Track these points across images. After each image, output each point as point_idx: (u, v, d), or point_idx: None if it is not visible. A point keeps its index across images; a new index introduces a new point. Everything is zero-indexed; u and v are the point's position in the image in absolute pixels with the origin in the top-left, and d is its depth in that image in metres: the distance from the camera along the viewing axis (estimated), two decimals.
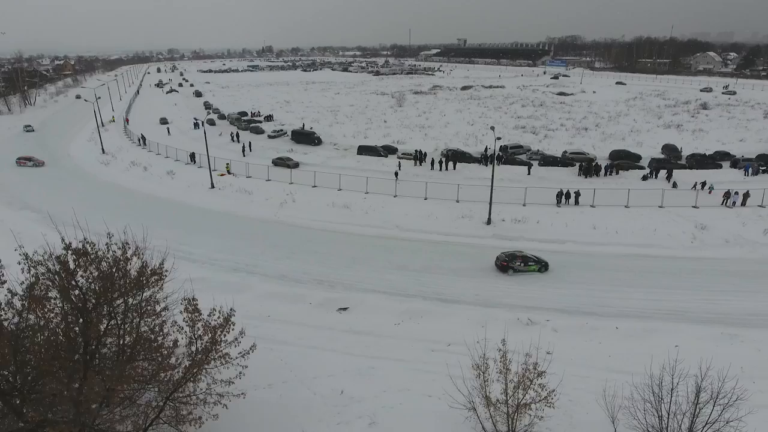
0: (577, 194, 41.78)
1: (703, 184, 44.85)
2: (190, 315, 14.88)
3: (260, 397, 17.75)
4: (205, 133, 51.66)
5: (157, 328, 15.28)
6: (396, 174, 50.33)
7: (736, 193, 41.19)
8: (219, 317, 15.06)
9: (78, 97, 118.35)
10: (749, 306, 25.13)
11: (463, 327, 22.11)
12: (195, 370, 14.05)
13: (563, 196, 41.92)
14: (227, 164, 52.44)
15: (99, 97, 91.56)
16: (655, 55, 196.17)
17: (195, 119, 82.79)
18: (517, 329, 22.19)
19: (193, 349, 14.67)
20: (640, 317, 24.05)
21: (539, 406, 14.76)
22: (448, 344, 21.08)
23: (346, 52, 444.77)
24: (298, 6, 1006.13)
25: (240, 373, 15.20)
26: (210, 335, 14.49)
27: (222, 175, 51.18)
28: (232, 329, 15.15)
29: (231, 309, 15.40)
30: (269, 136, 73.73)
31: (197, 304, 15.10)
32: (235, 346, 15.11)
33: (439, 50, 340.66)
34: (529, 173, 51.25)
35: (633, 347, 20.51)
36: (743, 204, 41.02)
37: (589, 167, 50.35)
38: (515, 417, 15.16)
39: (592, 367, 19.47)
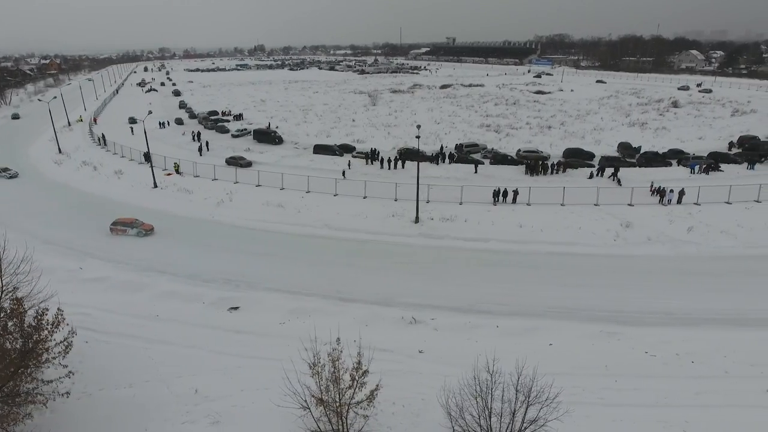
0: (515, 192, 41.77)
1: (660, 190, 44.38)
2: (15, 315, 14.75)
3: (115, 396, 17.69)
4: (145, 132, 52.01)
5: None
6: (343, 173, 50.31)
7: (671, 191, 41.24)
8: (43, 317, 14.93)
9: (54, 97, 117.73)
10: (643, 304, 25.12)
11: (346, 326, 21.99)
12: (12, 370, 13.94)
13: (500, 195, 41.89)
14: (175, 164, 52.26)
15: (65, 98, 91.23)
16: (639, 53, 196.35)
17: (160, 120, 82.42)
18: (399, 328, 22.16)
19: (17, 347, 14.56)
20: (528, 315, 24.01)
21: (364, 405, 14.70)
22: (325, 343, 20.97)
23: (337, 51, 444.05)
24: (292, 5, 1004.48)
25: (69, 372, 15.11)
26: (31, 336, 14.36)
27: (169, 174, 51.01)
28: (61, 329, 15.02)
29: (58, 309, 15.27)
30: (233, 136, 73.62)
31: (23, 303, 14.97)
32: (65, 345, 14.98)
33: (428, 49, 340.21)
34: (476, 171, 51.23)
35: (507, 345, 20.42)
36: (679, 202, 41.09)
37: (535, 165, 50.34)
38: (346, 416, 15.10)
39: (457, 366, 19.37)
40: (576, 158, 55.32)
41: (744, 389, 18.16)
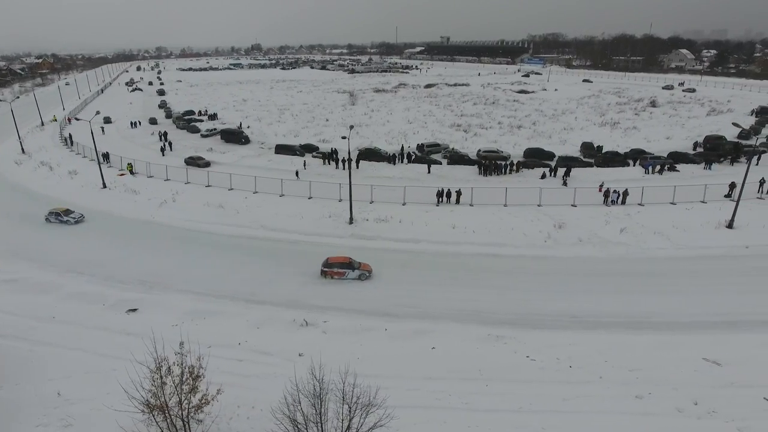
0: (458, 193, 41.58)
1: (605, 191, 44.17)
2: None
3: None
4: (92, 132, 51.67)
5: None
6: (297, 173, 50.19)
7: (615, 191, 40.99)
8: None
9: (17, 97, 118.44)
10: (550, 306, 24.94)
11: (236, 328, 21.96)
12: None
13: (444, 195, 41.71)
14: (129, 164, 52.19)
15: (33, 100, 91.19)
16: (629, 52, 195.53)
17: (131, 120, 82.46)
18: (290, 331, 22.03)
19: None
20: (424, 318, 23.81)
21: (193, 411, 14.57)
22: (209, 346, 20.89)
23: (333, 50, 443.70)
24: (290, 4, 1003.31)
25: None
26: None
27: (122, 174, 50.97)
28: None
29: None
30: (202, 135, 73.55)
31: None
32: None
33: (423, 48, 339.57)
34: (429, 172, 51.02)
35: (390, 349, 20.29)
36: (622, 202, 40.85)
37: (489, 165, 50.11)
38: (188, 421, 14.97)
39: (327, 370, 19.17)
40: (535, 158, 55.10)
41: (614, 395, 17.96)
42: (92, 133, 50.59)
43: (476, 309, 24.64)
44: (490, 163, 50.34)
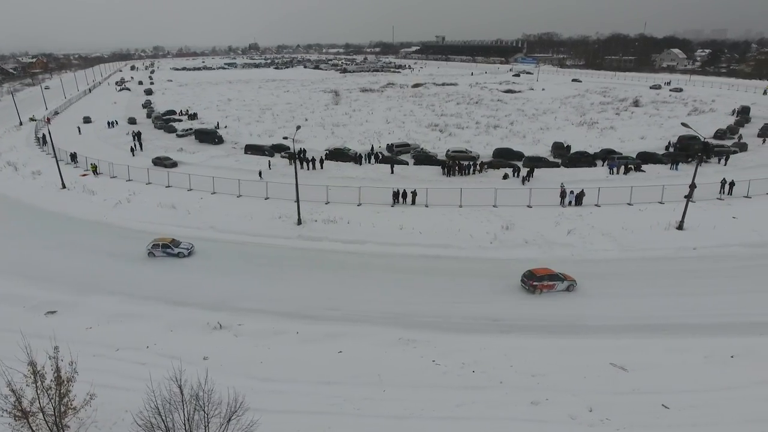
0: (413, 194, 41.31)
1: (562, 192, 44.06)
2: None
3: None
4: (49, 133, 51.32)
5: None
6: (260, 173, 49.94)
7: (572, 192, 40.67)
8: None
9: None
10: (474, 309, 24.62)
11: (150, 331, 21.71)
12: None
13: (400, 196, 41.42)
14: (93, 164, 52.00)
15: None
16: (622, 52, 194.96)
17: (108, 120, 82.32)
18: (203, 334, 21.77)
19: None
20: (340, 321, 23.48)
21: (66, 415, 14.32)
22: (117, 349, 20.70)
23: (330, 50, 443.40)
24: (289, 3, 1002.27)
25: None
26: None
27: (84, 175, 50.78)
28: None
29: None
30: (178, 135, 73.32)
31: None
32: None
33: (418, 48, 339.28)
34: (392, 172, 50.72)
35: (298, 353, 20.00)
36: (579, 203, 40.53)
37: (452, 166, 49.81)
38: (61, 426, 14.73)
39: (224, 373, 18.91)
40: (503, 158, 54.79)
41: (510, 401, 17.66)
42: (49, 132, 50.36)
43: (398, 312, 24.35)
44: (454, 164, 50.03)
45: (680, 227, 35.15)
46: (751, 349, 20.26)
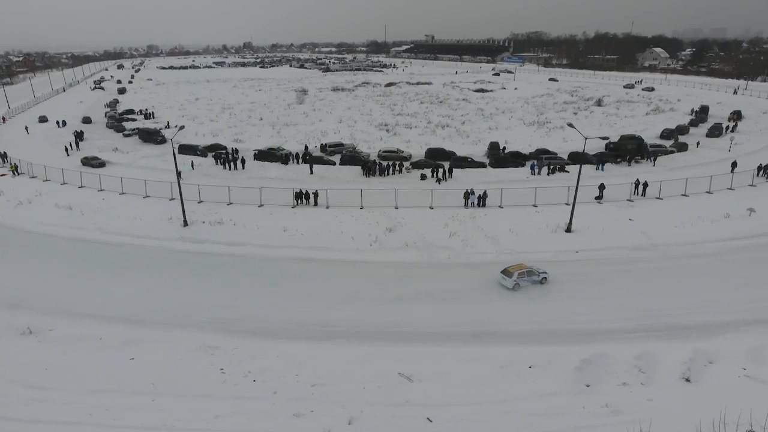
0: (315, 195, 40.72)
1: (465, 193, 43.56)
2: None
3: None
4: None
5: None
6: (179, 174, 49.27)
7: (473, 192, 39.98)
8: None
9: None
10: (304, 315, 23.99)
11: None
12: None
13: (303, 197, 40.84)
14: (13, 164, 51.57)
15: None
16: (604, 51, 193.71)
17: (57, 120, 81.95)
18: (11, 340, 21.22)
19: None
20: (156, 325, 22.83)
21: None
22: None
23: (322, 49, 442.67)
24: (287, 3, 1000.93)
25: None
26: None
27: (2, 175, 50.35)
28: None
29: None
30: (124, 135, 72.86)
31: None
32: None
33: (408, 47, 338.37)
34: (311, 173, 50.13)
35: (90, 360, 19.42)
36: (482, 204, 39.85)
37: (372, 167, 49.18)
38: None
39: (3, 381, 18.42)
40: (433, 158, 54.17)
41: (273, 412, 17.01)
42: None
43: (226, 317, 23.68)
44: (374, 164, 49.40)
45: (569, 230, 34.45)
46: (553, 359, 19.53)
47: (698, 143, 60.93)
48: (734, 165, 49.61)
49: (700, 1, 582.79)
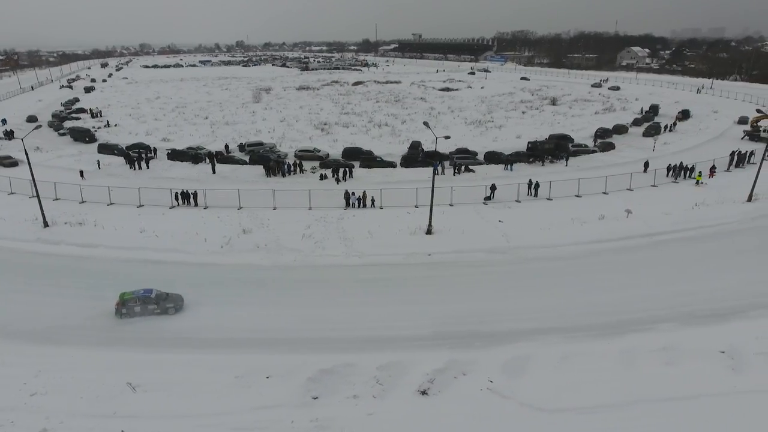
0: (194, 195, 40.02)
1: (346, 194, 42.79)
2: None
3: None
4: None
5: None
6: (81, 173, 48.85)
7: (353, 194, 39.20)
8: None
9: None
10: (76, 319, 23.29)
11: None
12: None
13: (182, 197, 40.12)
14: None
15: None
16: (583, 50, 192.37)
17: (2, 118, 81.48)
18: None
19: None
20: None
21: None
22: None
23: (313, 48, 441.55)
24: (285, 2, 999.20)
25: None
26: None
27: None
28: None
29: None
30: (59, 134, 72.35)
31: None
32: None
33: (396, 46, 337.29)
34: (214, 172, 49.43)
35: None
36: (363, 205, 39.13)
37: (275, 167, 48.44)
38: None
39: None
40: (348, 158, 53.50)
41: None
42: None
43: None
44: (276, 164, 48.65)
45: (429, 232, 33.65)
46: (295, 369, 18.62)
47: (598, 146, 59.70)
48: (647, 165, 48.75)
49: (700, 1, 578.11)
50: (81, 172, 48.91)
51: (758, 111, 75.77)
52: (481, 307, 24.44)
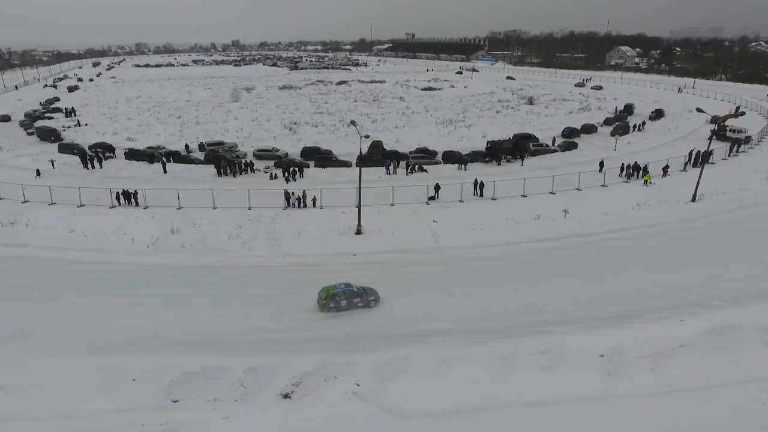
0: (134, 195, 39.74)
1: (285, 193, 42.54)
2: None
3: None
4: None
5: None
6: (37, 172, 48.65)
7: (293, 193, 38.92)
8: None
9: None
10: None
11: None
12: None
13: (122, 197, 39.86)
14: None
15: None
16: (572, 50, 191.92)
17: None
18: None
19: None
20: None
21: None
22: None
23: (308, 47, 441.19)
24: (283, 1, 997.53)
25: None
26: None
27: None
28: None
29: None
30: (28, 133, 72.18)
31: None
32: None
33: (390, 45, 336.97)
34: (165, 172, 49.16)
35: None
36: (304, 205, 38.88)
37: (226, 166, 48.18)
38: None
39: None
40: (306, 157, 53.32)
41: None
42: None
43: None
44: (226, 163, 48.39)
45: (358, 232, 33.37)
46: (160, 372, 18.25)
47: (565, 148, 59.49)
48: (602, 165, 48.41)
49: (700, 1, 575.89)
50: (38, 171, 48.65)
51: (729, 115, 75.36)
52: (383, 309, 24.12)
